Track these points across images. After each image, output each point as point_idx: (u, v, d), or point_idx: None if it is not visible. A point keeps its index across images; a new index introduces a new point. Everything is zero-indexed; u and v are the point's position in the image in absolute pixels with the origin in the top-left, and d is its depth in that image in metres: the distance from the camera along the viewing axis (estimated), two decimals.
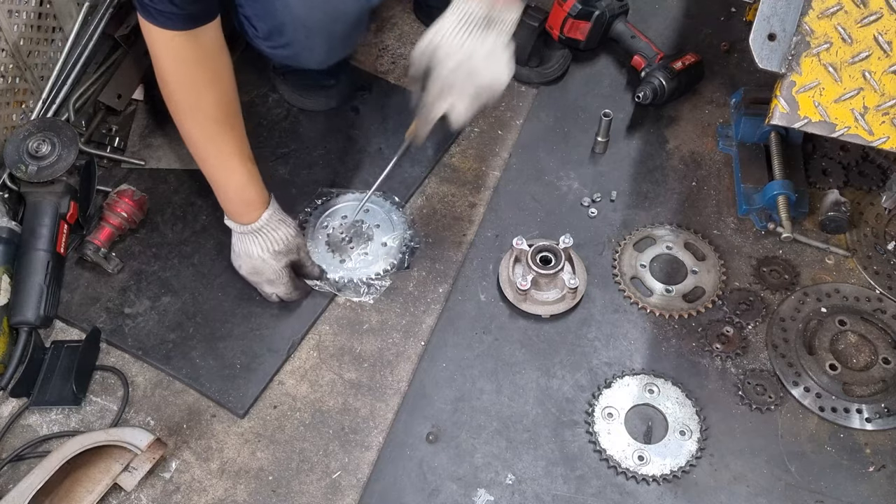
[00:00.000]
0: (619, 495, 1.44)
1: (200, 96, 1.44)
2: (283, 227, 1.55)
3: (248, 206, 1.53)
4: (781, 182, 1.69)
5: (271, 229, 1.54)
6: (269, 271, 1.56)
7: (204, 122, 1.47)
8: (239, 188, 1.52)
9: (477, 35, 1.33)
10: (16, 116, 1.72)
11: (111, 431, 1.44)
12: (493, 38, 1.34)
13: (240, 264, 1.58)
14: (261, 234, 1.53)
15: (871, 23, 1.39)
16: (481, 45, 1.33)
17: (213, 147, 1.50)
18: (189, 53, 1.39)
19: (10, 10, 1.64)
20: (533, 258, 1.61)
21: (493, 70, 1.35)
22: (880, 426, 1.49)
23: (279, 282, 1.57)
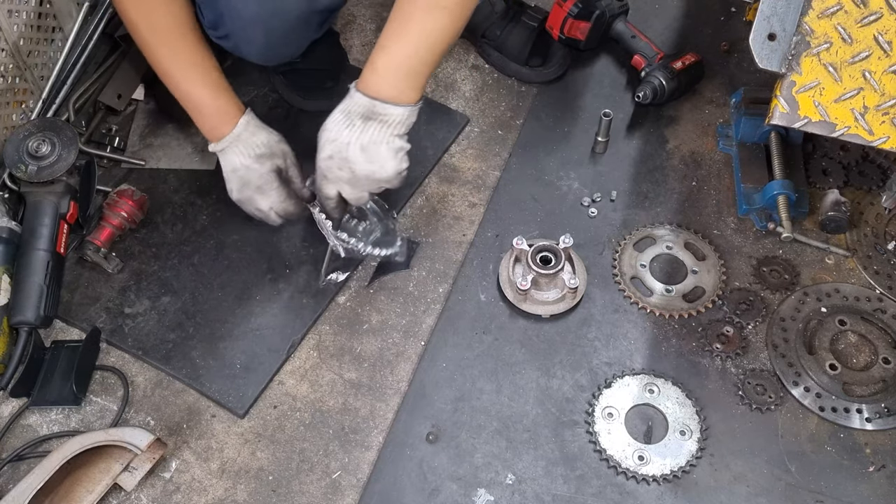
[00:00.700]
0: (619, 495, 1.44)
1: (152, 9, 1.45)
2: (262, 131, 1.54)
3: (223, 115, 1.52)
4: (781, 182, 1.69)
5: (250, 134, 1.52)
6: (255, 176, 1.52)
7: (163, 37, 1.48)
8: (210, 99, 1.51)
9: (356, 127, 1.39)
10: (16, 116, 1.72)
11: (111, 431, 1.44)
12: (372, 132, 1.39)
13: (231, 187, 1.56)
14: (240, 141, 1.52)
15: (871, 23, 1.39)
16: (358, 137, 1.39)
17: (177, 61, 1.50)
18: None
19: (10, 10, 1.64)
20: (533, 258, 1.61)
21: (370, 164, 1.40)
22: (880, 426, 1.49)
23: (269, 188, 1.53)
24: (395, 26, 1.38)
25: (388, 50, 1.38)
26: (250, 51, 1.57)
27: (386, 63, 1.38)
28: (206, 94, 1.52)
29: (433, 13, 1.36)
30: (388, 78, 1.38)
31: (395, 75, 1.38)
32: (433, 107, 1.93)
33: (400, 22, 1.37)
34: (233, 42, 1.55)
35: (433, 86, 1.98)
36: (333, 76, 1.89)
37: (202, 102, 1.53)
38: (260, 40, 1.53)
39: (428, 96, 1.95)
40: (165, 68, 1.52)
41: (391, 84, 1.38)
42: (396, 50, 1.37)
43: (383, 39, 1.39)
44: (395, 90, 1.38)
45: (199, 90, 1.52)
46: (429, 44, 1.37)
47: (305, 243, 1.71)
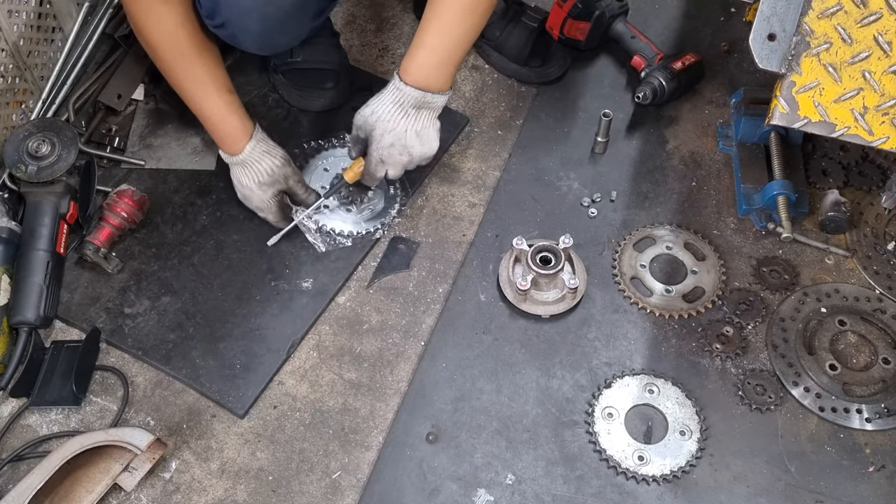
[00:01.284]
0: (619, 495, 1.44)
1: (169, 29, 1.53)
2: (267, 158, 1.62)
3: (231, 137, 1.61)
4: (781, 182, 1.69)
5: (255, 161, 1.61)
6: (256, 200, 1.65)
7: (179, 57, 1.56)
8: (219, 119, 1.61)
9: (411, 116, 1.54)
10: (16, 116, 1.72)
11: (111, 431, 1.44)
12: (423, 119, 1.56)
13: (236, 190, 1.68)
14: (246, 166, 1.62)
15: (870, 23, 1.39)
16: (413, 125, 1.55)
17: (191, 81, 1.59)
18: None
19: (10, 10, 1.64)
20: (533, 258, 1.61)
21: (423, 146, 1.58)
22: (880, 426, 1.49)
23: (267, 210, 1.66)
24: (434, 26, 1.52)
25: (431, 47, 1.52)
26: (247, 39, 1.59)
27: (432, 59, 1.53)
28: (216, 116, 1.61)
29: (466, 16, 1.52)
30: (434, 72, 1.53)
31: (440, 69, 1.53)
32: None
33: (438, 22, 1.52)
34: (229, 31, 1.56)
35: None
36: (333, 76, 1.89)
37: (213, 121, 1.62)
38: (256, 28, 1.55)
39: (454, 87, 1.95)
40: (181, 86, 1.61)
41: (436, 77, 1.53)
42: (439, 48, 1.52)
43: (425, 38, 1.52)
44: (439, 82, 1.54)
45: (209, 111, 1.61)
46: (463, 42, 1.55)
47: (305, 243, 1.71)
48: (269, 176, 1.62)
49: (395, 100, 1.53)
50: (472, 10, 1.52)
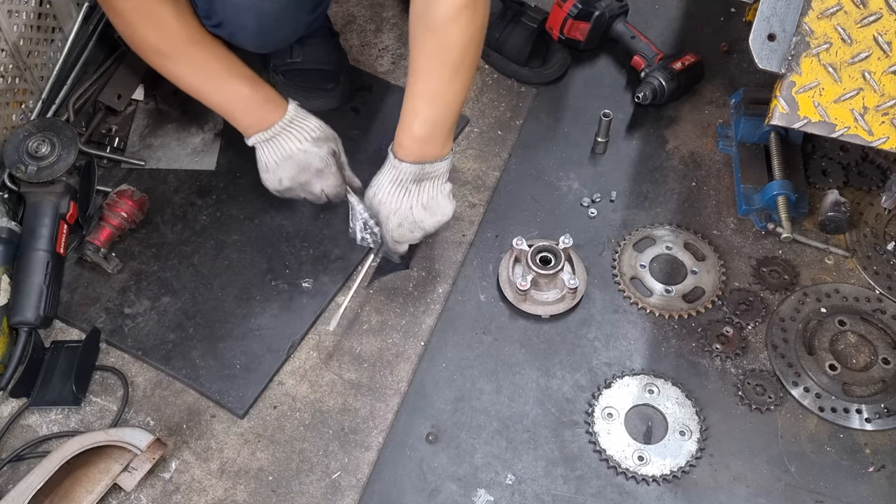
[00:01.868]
0: (619, 495, 1.44)
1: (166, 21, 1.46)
2: (312, 116, 1.56)
3: (270, 103, 1.53)
4: (781, 182, 1.69)
5: (302, 119, 1.54)
6: (316, 160, 1.54)
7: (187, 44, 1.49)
8: (251, 91, 1.52)
9: (412, 191, 1.49)
10: (15, 116, 1.72)
11: (111, 431, 1.44)
12: (427, 190, 1.51)
13: (279, 177, 1.56)
14: (294, 126, 1.53)
15: (870, 23, 1.39)
16: (417, 199, 1.50)
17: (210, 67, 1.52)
18: None
19: (10, 11, 1.64)
20: (533, 258, 1.61)
21: (434, 216, 1.53)
22: (880, 426, 1.49)
23: (328, 171, 1.55)
24: (422, 89, 1.45)
25: (423, 116, 1.46)
26: (244, 37, 1.57)
27: (425, 129, 1.46)
28: (247, 87, 1.53)
29: (454, 79, 1.44)
30: (429, 142, 1.47)
31: (435, 138, 1.47)
32: None
33: (426, 84, 1.45)
34: (227, 30, 1.55)
35: None
36: (333, 77, 1.89)
37: (244, 95, 1.53)
38: (252, 25, 1.54)
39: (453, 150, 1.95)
40: (191, 78, 1.53)
41: (433, 146, 1.48)
42: (431, 114, 1.46)
43: (415, 104, 1.46)
44: (437, 149, 1.49)
45: (237, 86, 1.53)
46: (455, 105, 1.48)
47: (305, 243, 1.72)
48: (322, 131, 1.54)
49: (393, 178, 1.49)
50: (457, 71, 1.44)
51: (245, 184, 1.80)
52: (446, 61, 1.43)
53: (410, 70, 1.46)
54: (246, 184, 1.80)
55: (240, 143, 1.90)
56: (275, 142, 1.55)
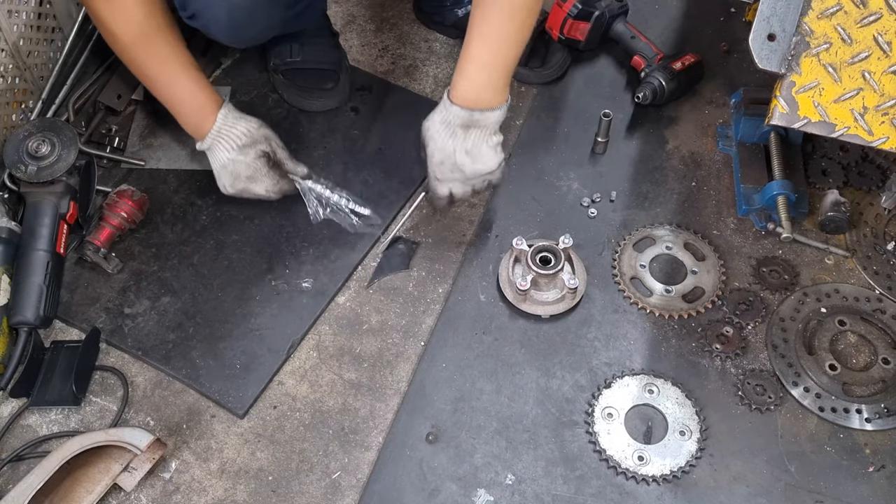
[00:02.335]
0: (619, 495, 1.44)
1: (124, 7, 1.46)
2: (241, 121, 1.57)
3: (202, 111, 1.56)
4: (781, 182, 1.70)
5: (229, 127, 1.56)
6: (243, 167, 1.57)
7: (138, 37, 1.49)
8: (188, 97, 1.56)
9: (459, 135, 1.48)
10: (15, 116, 1.72)
11: (111, 431, 1.44)
12: (473, 138, 1.49)
13: (223, 183, 1.61)
14: (222, 135, 1.56)
15: (870, 23, 1.39)
16: (462, 144, 1.49)
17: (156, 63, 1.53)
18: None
19: (9, 11, 1.64)
20: (533, 258, 1.61)
21: (475, 164, 1.51)
22: (880, 426, 1.49)
23: (259, 174, 1.58)
24: (483, 33, 1.43)
25: (479, 60, 1.45)
26: (218, 30, 1.58)
27: (480, 74, 1.45)
28: (187, 93, 1.56)
29: (514, 19, 1.42)
30: (484, 88, 1.45)
31: (489, 84, 1.45)
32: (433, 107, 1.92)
33: (484, 31, 1.43)
34: (201, 22, 1.56)
35: (433, 86, 1.98)
36: (333, 77, 1.89)
37: (182, 102, 1.57)
38: (224, 19, 1.54)
39: (428, 96, 1.96)
40: (145, 72, 1.56)
41: (487, 93, 1.46)
42: (488, 60, 1.45)
43: (473, 50, 1.45)
44: (490, 97, 1.47)
45: (178, 89, 1.56)
46: (514, 49, 1.45)
47: (305, 243, 1.71)
48: (247, 136, 1.56)
49: (443, 119, 1.49)
50: (520, 18, 1.42)
51: None
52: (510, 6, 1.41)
53: (473, 14, 1.43)
54: None
55: None
56: (210, 152, 1.59)
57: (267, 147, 1.60)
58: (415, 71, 2.01)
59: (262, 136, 1.59)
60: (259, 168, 1.59)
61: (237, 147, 1.57)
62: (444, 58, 2.03)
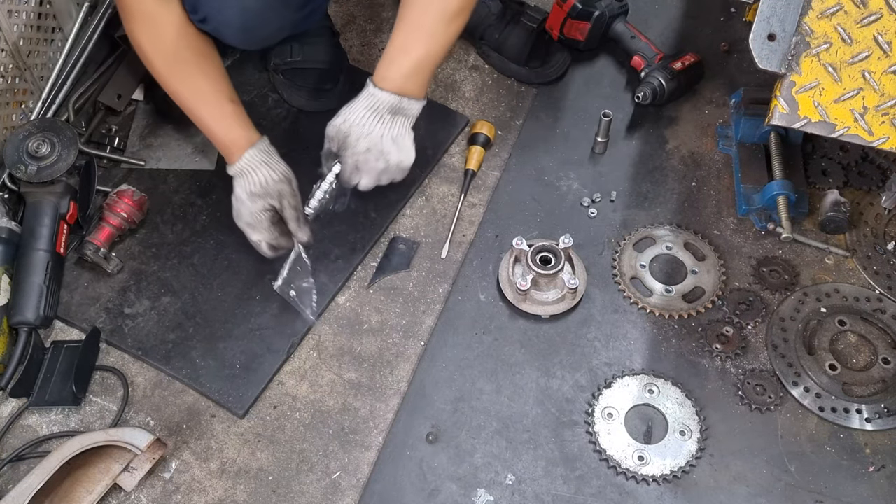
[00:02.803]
0: (619, 495, 1.44)
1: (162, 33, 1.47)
2: (264, 168, 1.52)
3: (231, 147, 1.54)
4: (781, 182, 1.69)
5: (251, 170, 1.52)
6: (246, 213, 1.53)
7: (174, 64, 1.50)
8: (218, 130, 1.54)
9: (386, 121, 1.48)
10: (15, 116, 1.72)
11: (111, 432, 1.44)
12: (399, 126, 1.50)
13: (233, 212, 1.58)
14: (242, 175, 1.53)
15: (870, 23, 1.39)
16: (388, 131, 1.49)
17: (190, 92, 1.53)
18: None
19: (10, 11, 1.64)
20: (533, 258, 1.61)
21: (399, 152, 1.51)
22: (880, 426, 1.49)
23: (259, 226, 1.54)
24: (410, 29, 1.48)
25: (408, 52, 1.47)
26: (229, 33, 1.57)
27: (408, 64, 1.47)
28: (217, 126, 1.55)
29: (447, 23, 1.47)
30: (410, 77, 1.48)
31: (416, 74, 1.49)
32: (433, 107, 1.91)
33: (415, 25, 1.48)
34: (212, 25, 1.55)
35: (433, 86, 1.98)
36: (333, 77, 1.89)
37: (214, 130, 1.55)
38: (236, 22, 1.54)
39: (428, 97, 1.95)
40: (180, 96, 1.55)
41: (413, 82, 1.49)
42: (416, 52, 1.47)
43: (402, 41, 1.48)
44: (416, 87, 1.49)
45: (210, 122, 1.55)
46: (442, 49, 1.50)
47: None
48: (261, 187, 1.51)
49: (370, 106, 1.48)
50: (453, 16, 1.46)
51: None
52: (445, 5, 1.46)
53: (403, 5, 1.47)
54: None
55: None
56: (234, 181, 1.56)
57: (277, 203, 1.53)
58: None
59: (276, 192, 1.52)
60: (261, 220, 1.53)
61: (247, 193, 1.52)
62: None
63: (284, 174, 1.53)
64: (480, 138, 1.84)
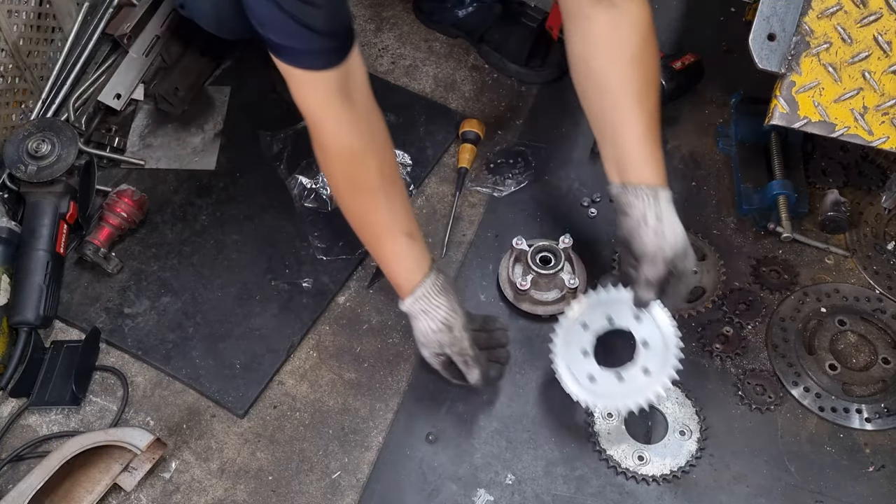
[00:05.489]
0: (619, 495, 1.44)
1: (358, 164, 1.32)
2: (423, 318, 1.40)
3: (398, 289, 1.43)
4: (781, 182, 1.69)
5: (413, 318, 1.42)
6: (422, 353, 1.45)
7: (362, 193, 1.36)
8: (391, 270, 1.43)
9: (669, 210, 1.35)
10: (15, 116, 1.72)
11: (111, 431, 1.44)
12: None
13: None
14: (409, 319, 1.44)
15: (870, 23, 1.39)
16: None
17: (369, 219, 1.40)
18: (349, 120, 1.29)
19: (9, 10, 1.64)
20: (533, 258, 1.61)
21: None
22: (880, 426, 1.49)
23: (435, 367, 1.45)
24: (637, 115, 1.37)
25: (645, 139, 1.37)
26: (207, 22, 1.58)
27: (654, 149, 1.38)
28: (387, 267, 1.44)
29: (655, 88, 1.39)
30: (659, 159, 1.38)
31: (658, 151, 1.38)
32: (433, 107, 1.93)
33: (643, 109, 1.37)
34: (188, 12, 1.56)
35: (433, 86, 1.98)
36: None
37: (384, 269, 1.45)
38: (210, 9, 1.54)
39: (428, 96, 1.95)
40: (356, 225, 1.42)
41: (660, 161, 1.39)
42: (647, 131, 1.37)
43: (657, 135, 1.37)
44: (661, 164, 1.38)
45: (380, 258, 1.44)
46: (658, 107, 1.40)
47: (305, 244, 1.71)
48: (423, 337, 1.41)
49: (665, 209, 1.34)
50: (656, 82, 1.38)
51: (245, 184, 1.81)
52: (653, 81, 1.38)
53: (613, 104, 1.38)
54: (246, 184, 1.81)
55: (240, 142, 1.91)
56: None
57: (439, 351, 1.43)
58: (415, 71, 2.01)
59: (436, 342, 1.42)
60: (433, 363, 1.46)
61: (416, 339, 1.45)
62: (444, 58, 2.03)
63: (444, 322, 1.40)
64: (471, 136, 1.84)
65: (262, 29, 1.17)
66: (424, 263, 1.41)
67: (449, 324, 1.40)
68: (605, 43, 1.35)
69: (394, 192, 1.38)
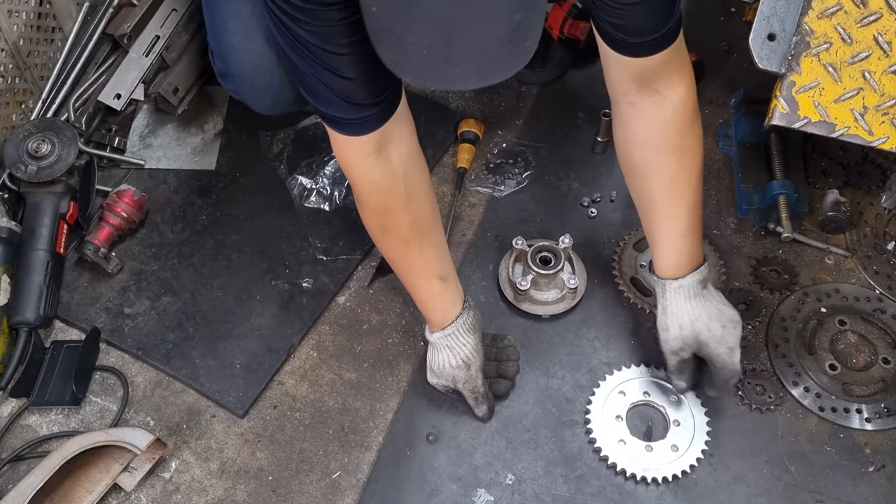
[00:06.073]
0: (619, 495, 1.44)
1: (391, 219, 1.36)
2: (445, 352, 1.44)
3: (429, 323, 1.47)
4: (781, 182, 1.69)
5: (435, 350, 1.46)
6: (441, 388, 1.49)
7: (395, 242, 1.40)
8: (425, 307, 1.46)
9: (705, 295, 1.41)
10: (15, 116, 1.72)
11: (111, 431, 1.44)
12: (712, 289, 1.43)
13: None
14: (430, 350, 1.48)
15: (870, 23, 1.39)
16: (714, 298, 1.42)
17: (403, 264, 1.44)
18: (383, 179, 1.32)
19: (9, 10, 1.64)
20: (533, 258, 1.61)
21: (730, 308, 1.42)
22: (880, 426, 1.49)
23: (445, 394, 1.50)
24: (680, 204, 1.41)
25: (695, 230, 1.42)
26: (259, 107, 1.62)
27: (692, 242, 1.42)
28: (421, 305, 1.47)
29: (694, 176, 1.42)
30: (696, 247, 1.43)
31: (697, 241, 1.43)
32: (433, 107, 1.93)
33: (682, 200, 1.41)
34: (241, 97, 1.59)
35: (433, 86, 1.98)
36: None
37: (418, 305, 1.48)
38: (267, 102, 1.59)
39: (427, 97, 1.95)
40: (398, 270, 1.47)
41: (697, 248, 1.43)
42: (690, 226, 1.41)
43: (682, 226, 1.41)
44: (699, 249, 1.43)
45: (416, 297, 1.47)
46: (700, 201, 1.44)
47: (305, 244, 1.71)
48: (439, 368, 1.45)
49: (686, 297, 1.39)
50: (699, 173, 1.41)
51: (245, 184, 1.81)
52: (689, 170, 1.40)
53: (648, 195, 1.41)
54: (246, 184, 1.81)
55: (240, 142, 1.91)
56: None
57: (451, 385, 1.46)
58: None
59: (451, 377, 1.45)
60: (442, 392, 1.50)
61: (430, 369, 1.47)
62: None
63: (465, 360, 1.43)
64: (469, 135, 1.84)
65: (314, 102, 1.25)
66: (458, 302, 1.45)
67: (468, 362, 1.44)
68: (646, 132, 1.38)
69: (427, 241, 1.41)
